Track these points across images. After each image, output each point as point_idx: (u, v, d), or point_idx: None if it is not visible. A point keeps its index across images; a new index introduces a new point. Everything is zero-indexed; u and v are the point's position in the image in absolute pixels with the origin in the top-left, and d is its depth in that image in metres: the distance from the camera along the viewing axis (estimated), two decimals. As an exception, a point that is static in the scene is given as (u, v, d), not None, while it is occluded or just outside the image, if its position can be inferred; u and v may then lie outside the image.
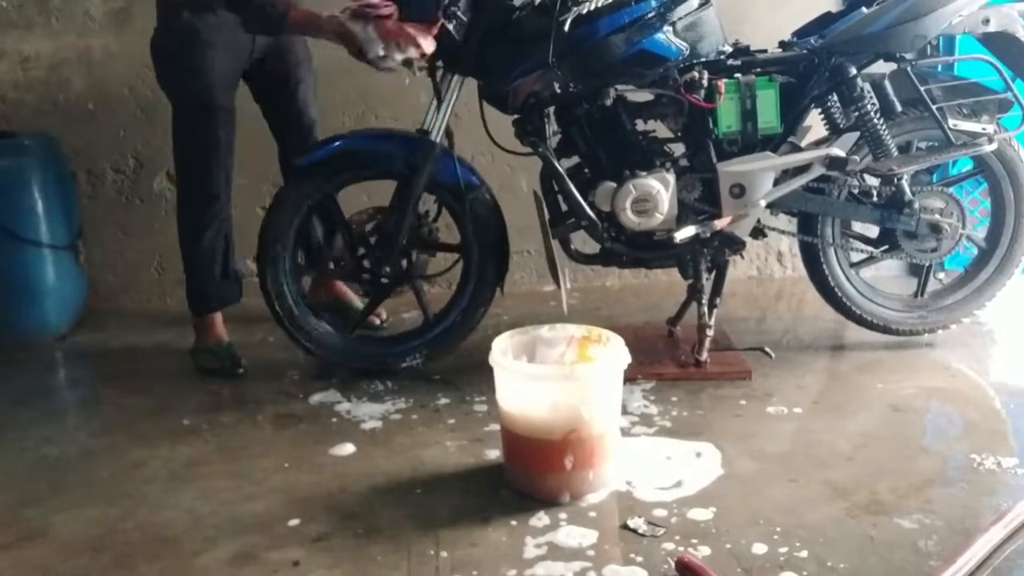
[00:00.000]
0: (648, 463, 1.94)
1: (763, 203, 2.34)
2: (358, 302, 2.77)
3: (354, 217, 2.42)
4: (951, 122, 2.33)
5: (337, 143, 2.39)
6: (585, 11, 2.16)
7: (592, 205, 2.32)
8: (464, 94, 2.34)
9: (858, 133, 2.36)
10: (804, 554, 1.57)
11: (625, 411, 2.12)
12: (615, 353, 1.84)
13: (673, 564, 1.54)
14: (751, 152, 2.33)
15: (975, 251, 2.61)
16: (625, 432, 2.05)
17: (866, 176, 2.42)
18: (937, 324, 2.58)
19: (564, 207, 2.38)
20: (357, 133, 2.50)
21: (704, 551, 1.59)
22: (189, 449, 2.09)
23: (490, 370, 1.84)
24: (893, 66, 2.33)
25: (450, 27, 2.18)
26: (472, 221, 2.40)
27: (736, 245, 2.38)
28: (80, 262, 2.98)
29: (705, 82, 2.25)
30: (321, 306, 2.62)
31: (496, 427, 2.06)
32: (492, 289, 2.46)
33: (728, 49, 2.36)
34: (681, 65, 2.26)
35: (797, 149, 2.35)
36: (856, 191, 2.44)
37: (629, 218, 2.30)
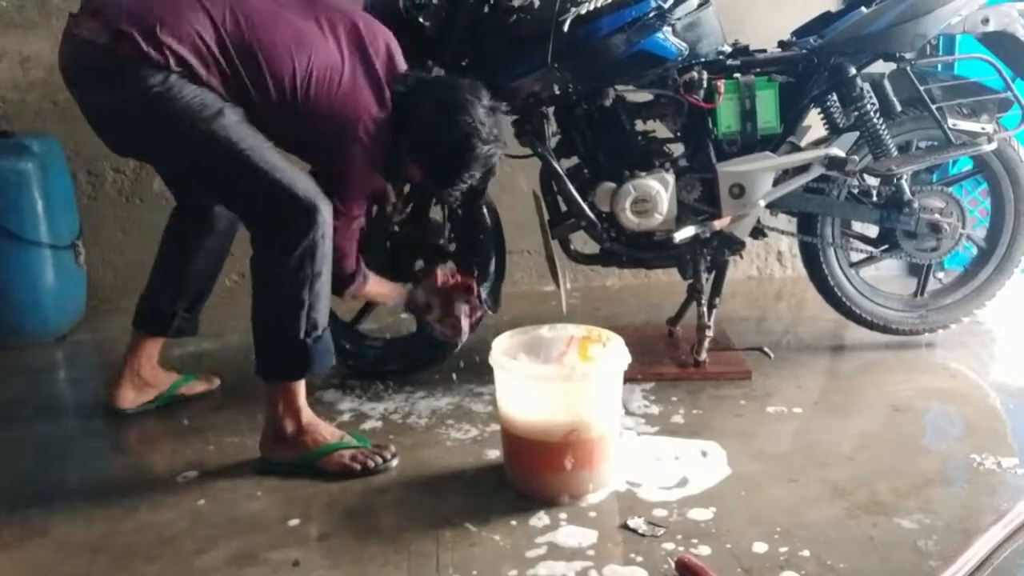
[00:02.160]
0: (648, 463, 1.94)
1: (763, 203, 2.34)
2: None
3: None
4: (951, 122, 2.33)
5: None
6: (584, 11, 2.16)
7: (592, 205, 2.32)
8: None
9: (858, 133, 2.36)
10: (804, 554, 1.57)
11: (625, 411, 2.12)
12: (615, 353, 1.84)
13: (673, 564, 1.54)
14: (751, 152, 2.33)
15: (975, 251, 2.62)
16: (625, 432, 2.05)
17: (866, 176, 2.43)
18: (937, 324, 2.58)
19: (564, 207, 2.38)
20: None
21: (704, 551, 1.59)
22: (189, 449, 2.09)
23: (490, 370, 1.84)
24: (893, 66, 2.33)
25: (419, 18, 2.16)
26: (461, 224, 2.38)
27: (736, 245, 2.38)
28: (80, 262, 2.98)
29: (704, 82, 2.25)
30: None
31: (496, 427, 2.06)
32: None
33: (727, 49, 2.36)
34: (680, 65, 2.26)
35: (797, 149, 2.35)
36: (856, 191, 2.45)
37: (629, 218, 2.30)
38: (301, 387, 1.98)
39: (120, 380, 2.28)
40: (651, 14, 2.19)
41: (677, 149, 2.41)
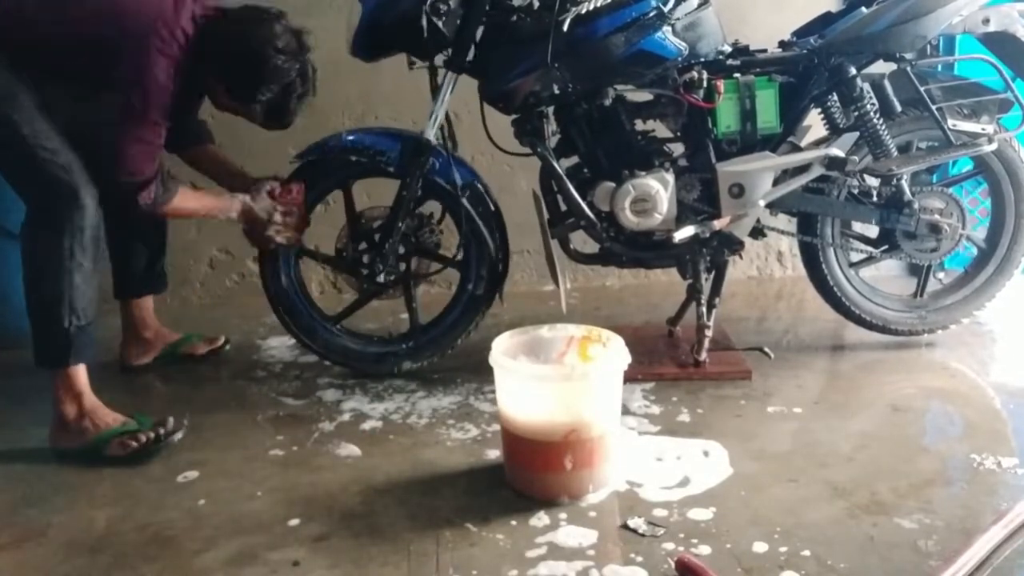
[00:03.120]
0: (649, 463, 1.94)
1: (762, 203, 2.34)
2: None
3: (366, 212, 2.43)
4: (951, 122, 2.33)
5: (334, 141, 2.38)
6: (584, 11, 2.16)
7: (591, 205, 2.33)
8: (465, 94, 2.34)
9: (858, 133, 2.36)
10: (804, 554, 1.57)
11: (625, 411, 2.12)
12: (615, 353, 1.84)
13: (673, 564, 1.54)
14: (750, 152, 2.33)
15: (975, 252, 2.61)
16: (626, 432, 2.05)
17: (866, 176, 2.43)
18: (936, 324, 2.58)
19: (563, 207, 2.38)
20: (358, 131, 2.47)
21: (704, 551, 1.59)
22: (189, 449, 2.09)
23: (490, 370, 1.84)
24: (893, 66, 2.33)
25: (438, 23, 2.17)
26: (468, 222, 2.39)
27: (735, 245, 2.38)
28: (79, 262, 2.97)
29: (704, 82, 2.25)
30: None
31: (496, 427, 2.07)
32: (486, 298, 2.45)
33: (727, 49, 2.36)
34: (680, 65, 2.26)
35: (797, 149, 2.35)
36: (856, 191, 2.45)
37: (628, 218, 2.30)
38: (79, 373, 2.06)
39: (124, 343, 2.59)
40: (651, 14, 2.19)
41: (677, 149, 2.41)
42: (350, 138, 2.39)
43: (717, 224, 2.34)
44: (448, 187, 2.35)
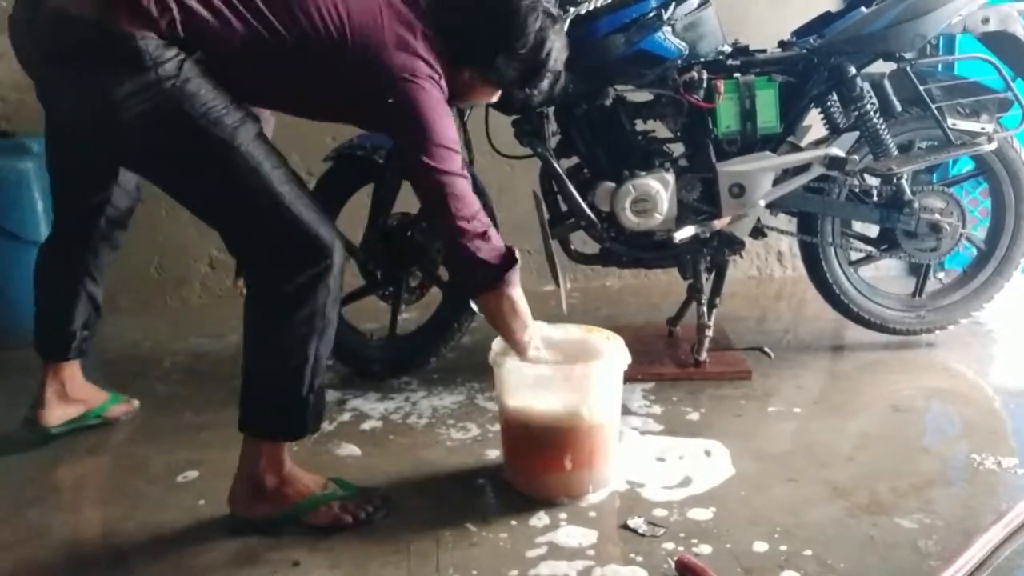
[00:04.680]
0: (649, 463, 1.94)
1: (763, 203, 2.34)
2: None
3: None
4: (951, 121, 2.33)
5: (346, 142, 2.44)
6: (584, 11, 2.16)
7: (592, 205, 2.33)
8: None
9: (858, 133, 2.36)
10: (805, 553, 1.57)
11: (626, 411, 2.12)
12: (615, 353, 1.84)
13: (673, 564, 1.54)
14: (750, 152, 2.33)
15: (975, 252, 2.61)
16: (627, 432, 2.05)
17: (866, 176, 2.43)
18: (935, 324, 2.58)
19: (564, 207, 2.38)
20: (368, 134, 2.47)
21: (704, 550, 1.59)
22: (189, 449, 2.09)
23: (490, 370, 1.84)
24: (893, 65, 2.34)
25: None
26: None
27: (736, 245, 2.38)
28: (80, 262, 2.97)
29: (704, 82, 2.25)
30: None
31: (496, 427, 2.07)
32: (457, 311, 2.36)
33: (727, 49, 2.36)
34: (680, 65, 2.27)
35: (797, 149, 2.36)
36: (856, 190, 2.45)
37: (629, 218, 2.30)
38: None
39: (43, 401, 2.16)
40: (650, 14, 2.19)
41: (677, 149, 2.41)
42: (358, 139, 2.43)
43: (717, 224, 2.34)
44: None
